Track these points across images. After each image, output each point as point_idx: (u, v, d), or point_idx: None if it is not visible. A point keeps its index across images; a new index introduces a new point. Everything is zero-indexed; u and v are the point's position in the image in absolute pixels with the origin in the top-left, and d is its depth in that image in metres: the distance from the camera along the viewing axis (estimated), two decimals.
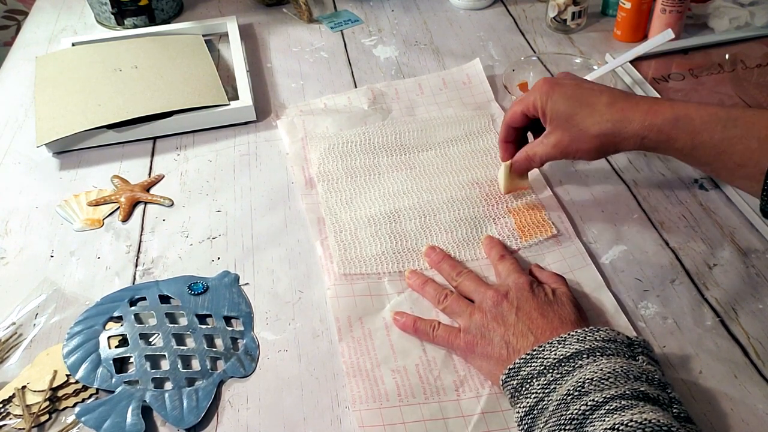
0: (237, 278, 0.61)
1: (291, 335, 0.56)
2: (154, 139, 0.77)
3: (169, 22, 0.99)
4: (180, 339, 0.55)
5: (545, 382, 0.46)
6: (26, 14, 1.30)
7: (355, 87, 0.84)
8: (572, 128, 0.56)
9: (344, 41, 0.94)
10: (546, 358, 0.47)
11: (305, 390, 0.52)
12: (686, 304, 0.57)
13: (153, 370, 0.52)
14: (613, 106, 0.54)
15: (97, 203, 0.69)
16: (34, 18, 1.03)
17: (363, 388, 0.51)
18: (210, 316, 0.57)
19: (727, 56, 0.85)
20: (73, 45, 0.91)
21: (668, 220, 0.65)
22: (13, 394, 0.51)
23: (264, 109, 0.81)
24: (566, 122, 0.56)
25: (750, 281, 0.58)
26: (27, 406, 0.50)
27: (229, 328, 0.56)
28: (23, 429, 0.49)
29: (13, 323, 0.57)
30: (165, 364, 0.53)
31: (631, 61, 0.83)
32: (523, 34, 0.94)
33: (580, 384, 0.44)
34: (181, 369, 0.53)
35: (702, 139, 0.51)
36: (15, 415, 0.50)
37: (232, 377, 0.53)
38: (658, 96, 0.60)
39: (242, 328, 0.56)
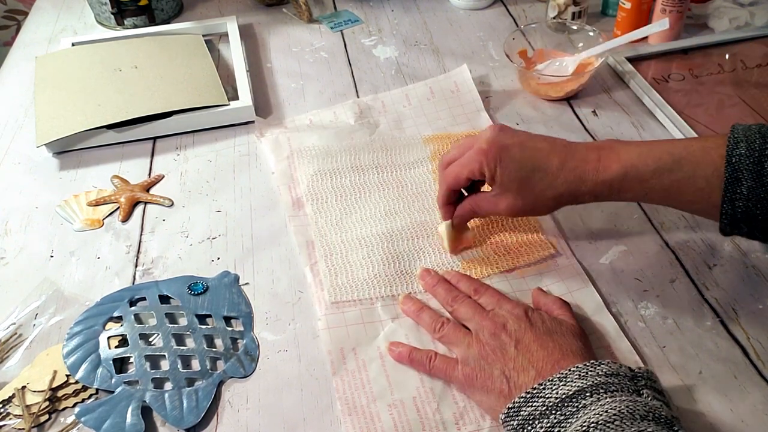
0: (237, 278, 0.61)
1: (291, 335, 0.56)
2: (154, 139, 0.77)
3: (169, 22, 0.99)
4: (180, 339, 0.55)
5: (548, 424, 0.44)
6: (26, 14, 1.30)
7: (355, 87, 0.84)
8: (525, 192, 0.55)
9: (344, 41, 0.94)
10: (547, 398, 0.45)
11: (305, 390, 0.52)
12: (686, 304, 0.57)
13: (153, 371, 0.53)
14: (564, 168, 0.54)
15: (97, 203, 0.69)
16: (34, 18, 1.03)
17: (359, 428, 0.49)
18: (210, 316, 0.57)
19: (727, 56, 0.85)
20: (73, 45, 0.91)
21: (668, 220, 0.65)
22: (13, 394, 0.51)
23: (264, 109, 0.81)
24: (519, 187, 0.55)
25: (750, 281, 0.58)
26: (27, 406, 0.50)
27: (229, 329, 0.56)
28: (23, 429, 0.49)
29: (13, 323, 0.57)
30: (165, 365, 0.53)
31: (631, 62, 0.83)
32: (523, 34, 0.94)
33: (584, 428, 0.42)
34: (181, 369, 0.53)
35: (651, 186, 0.52)
36: (15, 416, 0.50)
37: (232, 377, 0.53)
38: (608, 143, 0.55)
39: (242, 329, 0.56)
